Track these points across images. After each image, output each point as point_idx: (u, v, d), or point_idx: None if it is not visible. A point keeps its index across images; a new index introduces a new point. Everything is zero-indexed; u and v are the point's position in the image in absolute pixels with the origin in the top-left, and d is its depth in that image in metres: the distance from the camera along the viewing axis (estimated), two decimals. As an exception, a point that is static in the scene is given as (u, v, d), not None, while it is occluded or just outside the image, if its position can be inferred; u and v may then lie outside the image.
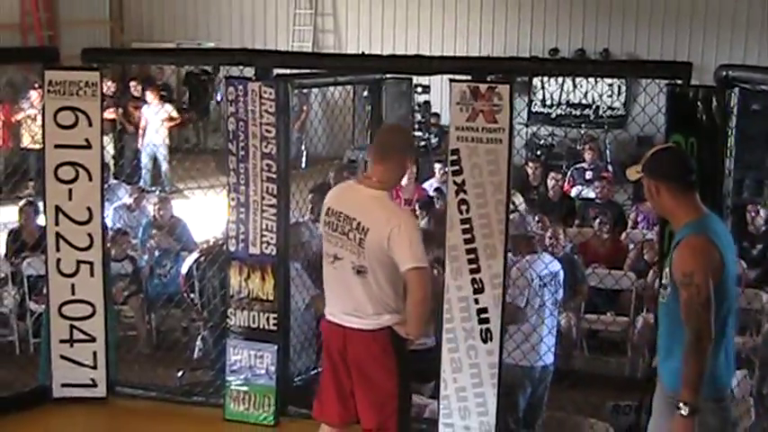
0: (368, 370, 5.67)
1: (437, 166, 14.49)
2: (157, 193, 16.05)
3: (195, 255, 10.32)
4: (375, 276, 5.58)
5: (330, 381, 5.85)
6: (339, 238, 5.66)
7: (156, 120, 18.30)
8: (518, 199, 12.52)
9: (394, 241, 5.45)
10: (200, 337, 9.64)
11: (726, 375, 5.23)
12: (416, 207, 12.15)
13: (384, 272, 5.57)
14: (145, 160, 18.58)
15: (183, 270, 10.28)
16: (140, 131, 18.51)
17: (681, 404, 5.01)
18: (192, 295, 10.06)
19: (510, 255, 7.09)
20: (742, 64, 6.43)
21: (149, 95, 18.48)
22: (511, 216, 7.38)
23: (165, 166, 18.60)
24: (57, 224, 7.58)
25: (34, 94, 16.69)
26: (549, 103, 21.15)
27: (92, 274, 7.63)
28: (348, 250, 5.61)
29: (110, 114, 16.32)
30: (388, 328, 5.63)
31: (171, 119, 18.46)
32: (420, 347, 6.47)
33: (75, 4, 21.87)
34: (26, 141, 17.11)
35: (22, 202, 12.31)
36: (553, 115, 21.04)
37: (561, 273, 7.86)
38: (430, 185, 14.18)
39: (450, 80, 6.83)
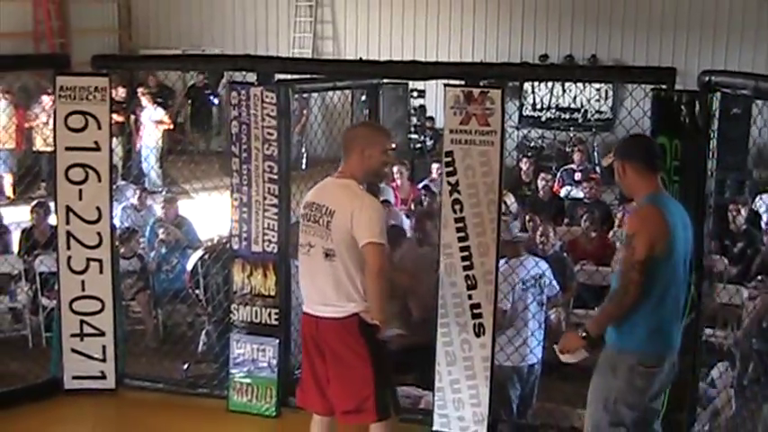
0: (341, 356, 5.73)
1: (434, 166, 14.54)
2: (164, 193, 16.04)
3: (200, 252, 10.33)
4: (343, 260, 5.65)
5: (308, 370, 5.93)
6: (311, 226, 5.77)
7: (149, 123, 18.35)
8: (509, 199, 12.54)
9: (355, 219, 5.57)
10: (204, 332, 9.64)
11: (657, 347, 5.45)
12: (412, 206, 12.23)
13: (350, 255, 5.64)
14: (152, 161, 18.61)
15: (189, 267, 10.30)
16: (138, 134, 18.57)
17: (584, 331, 5.50)
18: (196, 291, 10.09)
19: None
20: (723, 69, 6.44)
21: (143, 99, 18.51)
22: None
23: (156, 168, 18.62)
24: (67, 223, 7.58)
25: (46, 99, 16.69)
26: (539, 106, 21.16)
27: (101, 272, 7.62)
28: (318, 236, 5.72)
29: (118, 118, 16.32)
30: (356, 315, 5.68)
31: (161, 122, 18.49)
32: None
33: (85, 13, 21.86)
34: (38, 144, 17.11)
35: (33, 203, 12.33)
36: (543, 119, 21.05)
37: (548, 273, 7.87)
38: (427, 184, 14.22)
39: (445, 85, 6.84)
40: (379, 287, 5.61)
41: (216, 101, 20.49)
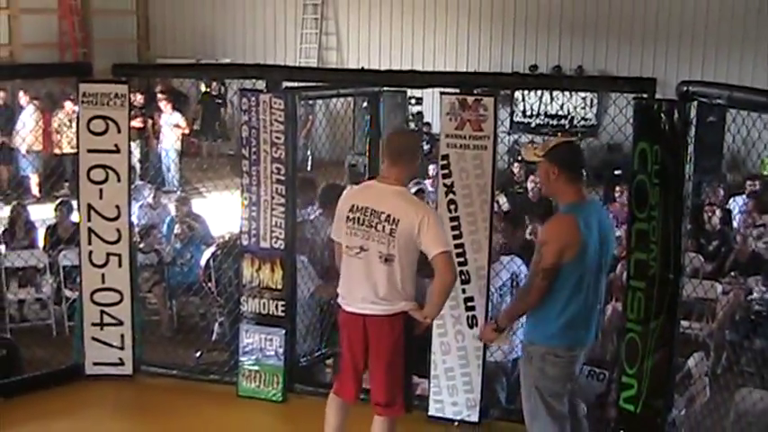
0: (385, 352, 5.75)
1: (431, 167, 14.60)
2: (178, 192, 16.06)
3: (212, 249, 10.34)
4: (401, 263, 5.66)
5: (349, 363, 5.93)
6: (366, 231, 5.70)
7: (166, 127, 18.37)
8: (501, 199, 12.54)
9: (423, 230, 5.57)
10: (217, 323, 9.64)
11: (566, 341, 5.55)
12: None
13: (408, 259, 5.67)
14: (166, 162, 18.64)
15: (202, 262, 10.31)
16: (158, 137, 18.59)
17: (495, 323, 5.81)
18: (209, 284, 10.10)
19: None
20: (700, 80, 6.43)
21: (163, 105, 18.52)
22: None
23: (172, 169, 18.64)
24: (89, 220, 7.57)
25: (69, 105, 16.72)
26: (529, 113, 21.15)
27: (120, 265, 7.62)
28: (376, 241, 5.67)
29: (136, 123, 16.35)
30: (403, 313, 5.72)
31: (177, 126, 18.50)
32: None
33: (106, 24, 21.89)
34: (65, 146, 17.12)
35: (56, 202, 12.37)
36: (533, 124, 21.04)
37: (524, 270, 7.84)
38: (424, 186, 14.25)
39: (441, 93, 6.82)
40: (448, 293, 5.72)
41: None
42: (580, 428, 5.94)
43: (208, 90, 19.88)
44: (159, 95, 18.86)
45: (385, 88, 9.41)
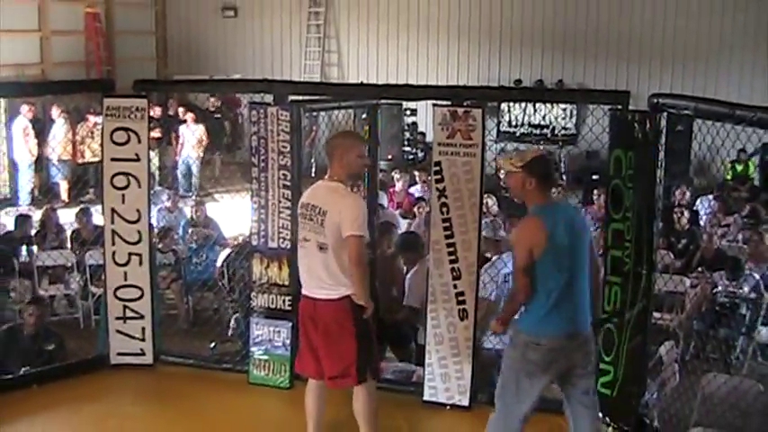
0: (332, 331, 5.81)
1: (416, 173, 14.70)
2: (193, 197, 16.07)
3: (228, 250, 10.34)
4: (334, 251, 5.73)
5: (305, 343, 6.01)
6: (307, 224, 5.86)
7: (191, 138, 18.35)
8: (491, 200, 12.53)
9: (342, 215, 5.66)
10: (233, 318, 9.62)
11: (547, 330, 5.49)
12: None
13: (341, 247, 5.71)
14: (182, 170, 18.63)
15: (219, 262, 10.32)
16: (179, 147, 18.55)
17: (492, 323, 5.78)
18: (223, 282, 10.10)
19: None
20: (669, 93, 6.41)
21: (188, 116, 18.52)
22: (487, 220, 7.38)
23: (195, 176, 18.65)
24: (112, 223, 7.57)
25: (92, 118, 16.76)
26: (514, 123, 21.13)
27: (140, 264, 7.62)
28: (313, 232, 5.80)
29: (155, 133, 16.35)
30: (346, 297, 5.76)
31: (201, 140, 18.51)
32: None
33: (128, 44, 21.88)
34: (87, 156, 17.15)
35: (77, 210, 12.43)
36: (518, 134, 21.02)
37: None
38: (416, 190, 14.25)
39: (434, 105, 6.84)
40: (359, 272, 5.71)
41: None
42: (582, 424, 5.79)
43: (207, 108, 19.81)
44: (182, 109, 18.87)
45: (382, 101, 9.39)
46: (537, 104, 20.48)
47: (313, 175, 16.94)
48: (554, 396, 6.16)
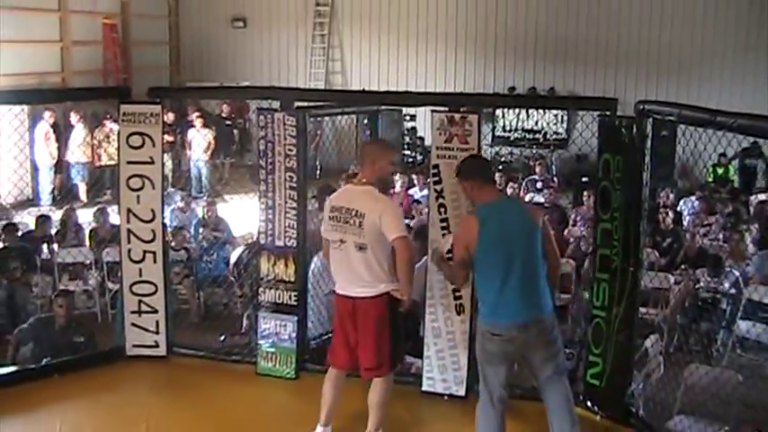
0: (371, 327, 5.84)
1: (414, 176, 14.69)
2: (205, 198, 16.07)
3: (241, 248, 10.34)
4: (373, 251, 5.77)
5: (341, 337, 6.02)
6: (342, 226, 5.84)
7: (201, 141, 18.36)
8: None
9: (383, 220, 5.69)
10: (246, 315, 9.61)
11: (499, 320, 5.52)
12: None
13: (379, 246, 5.77)
14: (194, 172, 18.65)
15: (233, 259, 10.34)
16: (187, 149, 18.58)
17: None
18: (232, 278, 10.10)
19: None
20: (655, 100, 6.42)
21: (197, 122, 18.53)
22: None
23: (204, 177, 18.67)
24: (128, 222, 7.56)
25: (108, 124, 16.81)
26: (508, 128, 21.13)
27: (155, 261, 7.61)
28: (351, 233, 5.80)
29: (168, 137, 16.36)
30: (385, 294, 5.81)
31: (209, 144, 18.52)
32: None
33: (143, 53, 21.90)
34: (104, 159, 17.20)
35: (94, 209, 12.45)
36: (511, 138, 21.02)
37: None
38: (414, 192, 14.24)
39: (432, 110, 6.82)
40: (409, 271, 5.77)
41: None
42: (556, 404, 5.75)
43: (219, 113, 19.80)
44: (193, 114, 18.88)
45: (383, 107, 9.40)
46: (530, 110, 20.48)
47: (318, 177, 17.09)
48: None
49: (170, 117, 17.68)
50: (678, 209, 13.99)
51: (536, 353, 5.57)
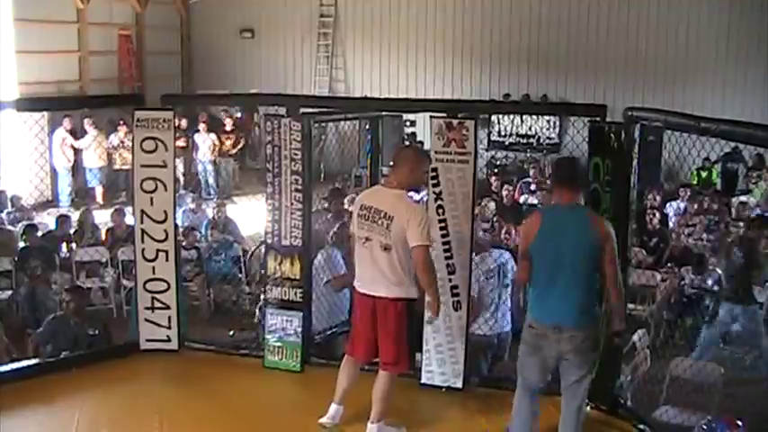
0: (391, 326, 5.85)
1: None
2: (214, 200, 16.10)
3: (254, 246, 10.34)
4: (397, 252, 5.75)
5: (360, 331, 6.03)
6: (370, 225, 5.82)
7: (203, 145, 18.41)
8: (491, 204, 12.55)
9: (409, 225, 5.66)
10: (258, 308, 9.60)
11: (534, 312, 5.59)
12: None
13: (402, 249, 5.75)
14: (202, 175, 18.73)
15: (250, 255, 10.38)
16: (194, 153, 18.62)
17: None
18: (250, 274, 10.11)
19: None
20: (642, 106, 6.42)
21: (201, 126, 18.58)
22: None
23: (211, 179, 18.69)
24: (142, 223, 7.55)
25: (121, 131, 16.87)
26: (503, 133, 21.13)
27: (167, 260, 7.60)
28: (377, 233, 5.78)
29: (180, 142, 16.40)
30: (404, 298, 5.85)
31: (213, 145, 18.55)
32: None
33: (156, 63, 21.96)
34: (118, 163, 17.27)
35: (112, 210, 12.49)
36: (506, 143, 21.02)
37: (511, 261, 7.79)
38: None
39: (431, 116, 6.81)
40: (429, 277, 5.79)
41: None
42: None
43: (223, 126, 19.78)
44: (201, 119, 18.94)
45: (384, 113, 9.38)
46: (524, 116, 20.51)
47: (322, 179, 17.11)
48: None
49: (183, 123, 17.72)
50: (664, 211, 13.99)
51: (562, 356, 5.52)
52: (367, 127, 8.93)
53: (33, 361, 7.52)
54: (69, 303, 8.08)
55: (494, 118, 20.86)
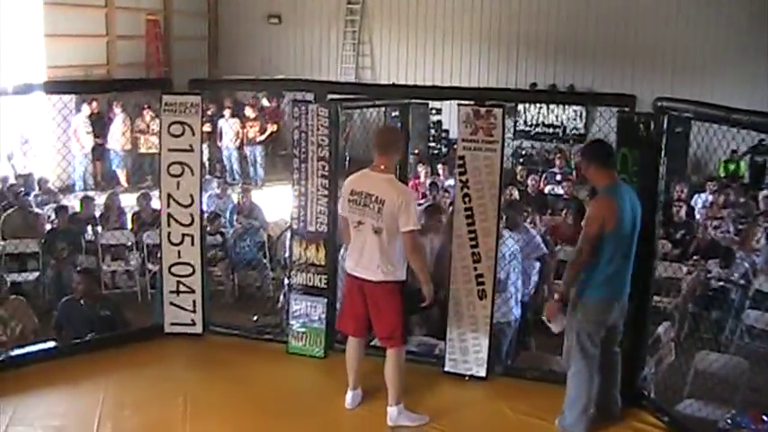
0: (381, 305, 6.02)
1: (439, 166, 14.69)
2: (240, 185, 16.13)
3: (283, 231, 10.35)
4: (387, 234, 5.89)
5: (349, 308, 6.25)
6: (362, 209, 5.96)
7: (229, 130, 18.45)
8: (515, 191, 12.55)
9: (400, 209, 5.82)
10: (282, 293, 9.62)
11: (607, 293, 5.79)
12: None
13: (392, 232, 5.88)
14: (225, 161, 18.77)
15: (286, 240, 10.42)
16: (218, 139, 18.61)
17: (558, 296, 5.89)
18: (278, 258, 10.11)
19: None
20: (671, 97, 6.38)
21: (225, 112, 18.61)
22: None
23: (236, 165, 18.73)
24: (168, 207, 7.58)
25: (147, 114, 16.95)
26: (529, 123, 21.03)
27: (192, 244, 7.63)
28: (369, 216, 5.92)
29: (206, 127, 16.43)
30: (392, 282, 5.98)
31: (237, 132, 18.58)
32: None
33: (183, 48, 22.05)
34: (143, 148, 17.37)
35: (138, 194, 12.54)
36: (532, 132, 20.93)
37: (527, 247, 7.81)
38: (440, 182, 14.22)
39: (459, 104, 6.79)
40: (419, 260, 6.00)
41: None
42: (613, 372, 6.13)
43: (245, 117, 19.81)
44: (225, 104, 18.98)
45: (412, 100, 9.36)
46: (551, 106, 20.41)
47: (347, 167, 17.12)
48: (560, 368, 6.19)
49: (212, 108, 17.75)
50: (692, 203, 13.90)
51: (617, 326, 5.99)
52: (393, 114, 8.90)
53: (58, 343, 7.57)
54: (79, 286, 8.13)
55: (520, 107, 20.77)
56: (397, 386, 6.11)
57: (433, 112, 21.02)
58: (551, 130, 20.90)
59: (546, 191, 15.00)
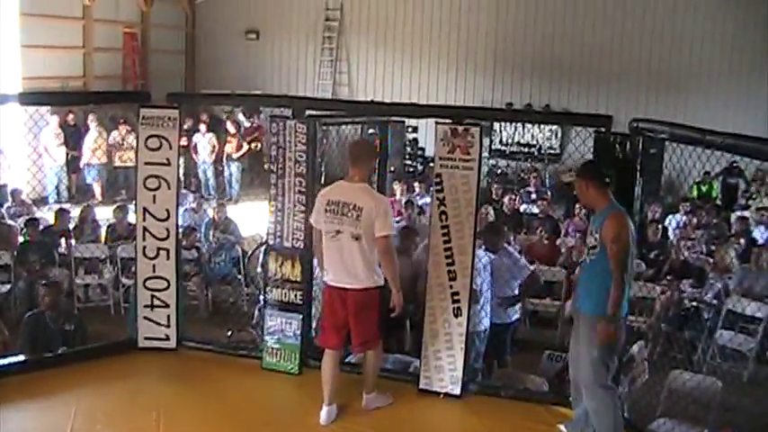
0: (361, 312, 6.19)
1: (416, 184, 14.72)
2: (215, 200, 16.08)
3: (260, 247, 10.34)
4: (367, 241, 6.06)
5: (331, 321, 6.34)
6: (340, 218, 6.12)
7: (207, 145, 18.43)
8: (491, 211, 12.56)
9: (378, 215, 6.04)
10: (257, 309, 9.59)
11: (623, 310, 5.82)
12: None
13: (369, 238, 6.08)
14: (200, 175, 18.74)
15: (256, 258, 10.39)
16: (193, 153, 18.58)
17: (609, 317, 5.65)
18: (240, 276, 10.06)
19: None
20: (646, 118, 6.43)
21: (201, 126, 18.60)
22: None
23: (211, 180, 18.72)
24: (144, 220, 7.56)
25: (122, 128, 16.87)
26: (505, 142, 21.14)
27: (168, 258, 7.60)
28: (347, 225, 6.09)
29: (182, 141, 16.36)
30: (374, 284, 6.18)
31: (213, 146, 18.57)
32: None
33: (161, 61, 21.99)
34: (117, 162, 17.32)
35: (114, 206, 12.48)
36: (508, 151, 21.03)
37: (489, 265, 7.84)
38: (404, 198, 14.23)
39: (436, 122, 6.81)
40: (392, 264, 6.13)
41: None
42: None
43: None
44: (202, 118, 18.96)
45: (391, 118, 9.38)
46: (526, 125, 20.52)
47: (323, 182, 17.10)
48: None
49: (188, 123, 17.70)
50: (665, 224, 13.99)
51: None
52: (370, 132, 8.93)
53: (30, 356, 7.50)
54: (45, 298, 8.07)
55: (496, 126, 20.88)
56: (374, 378, 6.54)
57: (410, 129, 21.08)
58: (527, 150, 21.00)
59: (521, 209, 15.05)
